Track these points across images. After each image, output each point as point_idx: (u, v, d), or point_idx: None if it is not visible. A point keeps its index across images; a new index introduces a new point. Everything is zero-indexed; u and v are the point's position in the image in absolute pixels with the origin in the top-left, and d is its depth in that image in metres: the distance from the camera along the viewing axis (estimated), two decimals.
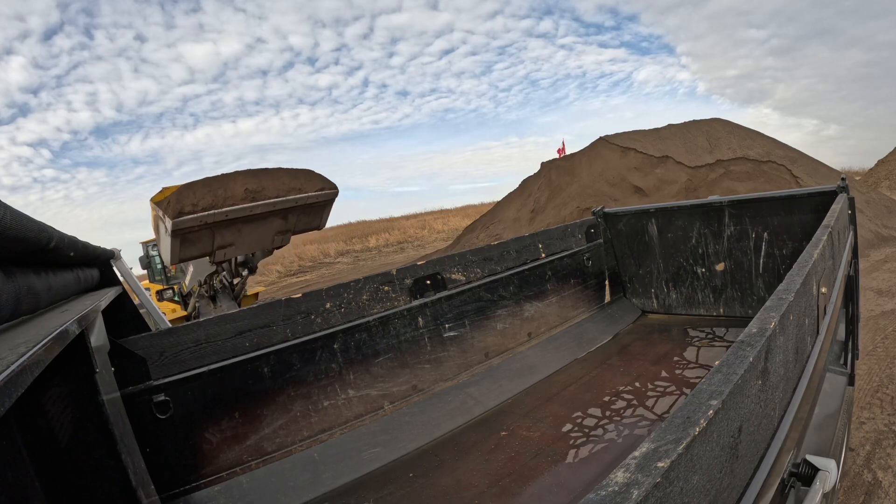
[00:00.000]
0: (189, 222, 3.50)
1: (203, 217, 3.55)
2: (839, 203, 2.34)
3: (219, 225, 3.79)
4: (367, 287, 2.66)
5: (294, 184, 4.05)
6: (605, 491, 0.56)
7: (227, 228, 3.92)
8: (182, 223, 3.47)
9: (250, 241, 4.27)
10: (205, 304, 6.95)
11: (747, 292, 3.38)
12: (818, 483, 1.01)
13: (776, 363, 0.98)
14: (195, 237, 3.76)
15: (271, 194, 3.91)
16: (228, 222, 3.84)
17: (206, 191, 3.56)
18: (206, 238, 3.86)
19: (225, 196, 3.63)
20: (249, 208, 3.80)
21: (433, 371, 2.80)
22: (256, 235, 4.22)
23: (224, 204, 3.63)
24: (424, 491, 2.07)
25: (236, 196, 3.70)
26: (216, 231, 3.84)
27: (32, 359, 0.85)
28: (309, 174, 4.24)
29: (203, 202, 3.51)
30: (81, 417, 1.61)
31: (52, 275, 1.46)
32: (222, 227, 3.85)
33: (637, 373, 2.84)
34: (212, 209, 3.57)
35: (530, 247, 3.45)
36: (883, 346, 4.80)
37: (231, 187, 3.69)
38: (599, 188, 14.35)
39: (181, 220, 3.42)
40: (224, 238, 3.99)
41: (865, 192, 11.93)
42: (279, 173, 4.04)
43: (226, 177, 3.77)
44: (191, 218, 3.48)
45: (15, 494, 1.29)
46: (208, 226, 3.70)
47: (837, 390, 2.32)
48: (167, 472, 1.97)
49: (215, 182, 3.68)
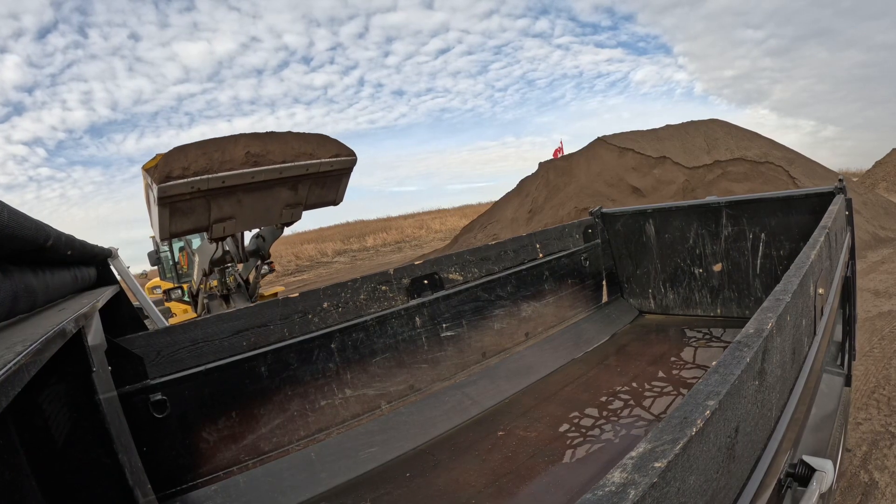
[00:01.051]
0: (178, 188, 3.00)
1: (194, 183, 3.05)
2: (836, 204, 2.35)
3: (215, 194, 3.25)
4: (365, 287, 2.66)
5: (304, 149, 3.50)
6: (601, 491, 0.56)
7: (226, 198, 3.36)
8: (169, 189, 2.97)
9: (254, 215, 3.69)
10: (217, 304, 6.49)
11: (744, 293, 3.38)
12: (815, 483, 1.02)
13: (773, 364, 0.99)
14: (187, 207, 3.24)
15: (277, 159, 3.35)
16: (227, 191, 3.29)
17: (200, 153, 3.07)
18: (200, 209, 3.32)
19: (222, 160, 3.12)
20: (251, 174, 3.25)
21: (430, 371, 2.80)
22: (261, 208, 3.65)
23: (220, 168, 3.12)
24: (421, 490, 2.07)
25: (235, 160, 3.18)
26: (212, 201, 3.30)
27: (29, 357, 0.85)
28: (322, 139, 3.67)
29: (195, 166, 3.03)
30: (78, 416, 1.60)
31: (49, 273, 1.45)
32: (219, 196, 3.30)
33: (634, 373, 2.84)
34: (205, 174, 3.07)
35: (528, 247, 3.46)
36: (880, 348, 4.82)
37: (230, 150, 3.18)
38: (597, 188, 14.37)
39: (168, 185, 2.94)
40: (222, 210, 3.43)
41: (863, 193, 11.97)
42: (287, 137, 3.50)
43: (225, 139, 3.25)
44: (180, 183, 2.98)
45: (12, 493, 1.29)
46: (202, 194, 3.17)
47: (834, 391, 2.32)
48: (164, 471, 1.97)
49: (212, 144, 3.16)
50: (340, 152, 3.67)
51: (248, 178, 3.26)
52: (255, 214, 3.68)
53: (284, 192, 3.65)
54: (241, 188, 3.32)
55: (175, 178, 2.96)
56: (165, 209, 3.14)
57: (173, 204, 3.12)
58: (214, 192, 3.23)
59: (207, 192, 3.18)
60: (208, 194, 3.21)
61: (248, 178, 3.26)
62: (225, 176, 3.16)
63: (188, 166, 3.00)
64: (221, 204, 3.37)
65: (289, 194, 3.69)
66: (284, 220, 3.93)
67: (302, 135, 3.58)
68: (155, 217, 3.32)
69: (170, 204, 3.11)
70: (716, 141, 15.00)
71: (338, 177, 3.81)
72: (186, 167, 3.00)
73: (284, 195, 3.67)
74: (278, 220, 3.89)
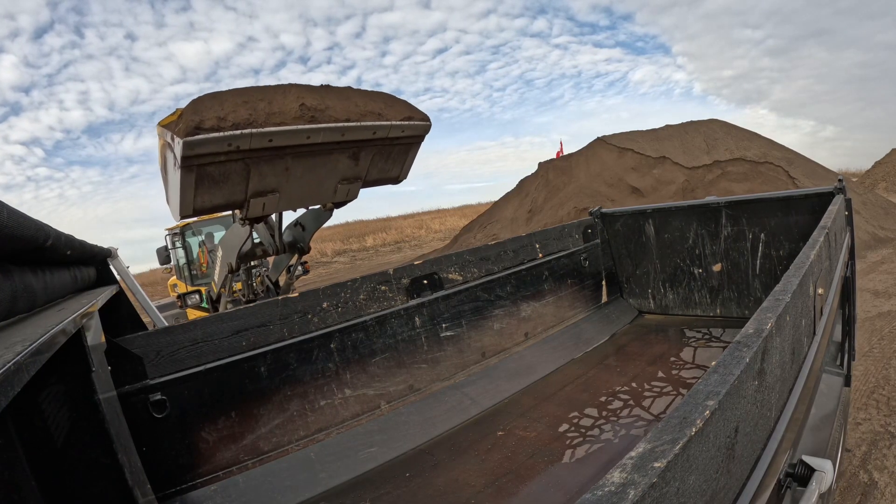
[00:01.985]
0: (210, 144, 2.27)
1: (233, 139, 2.32)
2: (836, 204, 2.35)
3: (258, 156, 2.50)
4: (364, 287, 2.66)
5: (371, 107, 2.79)
6: (601, 491, 0.56)
7: (271, 164, 2.59)
8: (198, 145, 2.24)
9: (303, 190, 2.88)
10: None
11: (744, 293, 3.39)
12: (814, 483, 1.02)
13: (773, 364, 0.99)
14: (219, 173, 2.46)
15: (339, 116, 2.64)
16: (273, 154, 2.55)
17: (240, 102, 2.38)
18: (236, 177, 2.53)
19: (269, 111, 2.42)
20: (306, 132, 2.53)
21: (430, 371, 2.80)
22: (313, 181, 2.87)
23: (267, 122, 2.41)
24: (421, 490, 2.07)
25: (286, 113, 2.47)
26: (253, 167, 2.54)
27: (29, 357, 0.85)
28: (390, 98, 2.97)
29: (234, 116, 2.32)
30: (78, 416, 1.60)
31: (48, 273, 1.45)
32: (263, 160, 2.54)
33: (634, 373, 2.85)
34: (248, 127, 2.34)
35: (527, 247, 3.46)
36: (879, 348, 4.82)
37: (279, 101, 2.49)
38: (597, 188, 14.36)
39: (197, 139, 2.21)
40: (264, 179, 2.63)
41: (862, 193, 11.97)
42: (348, 92, 2.80)
43: (272, 88, 2.55)
44: (214, 138, 2.25)
45: (11, 493, 1.29)
46: (241, 155, 2.43)
47: (834, 391, 2.33)
48: (163, 471, 1.97)
49: (256, 92, 2.48)
50: (413, 115, 2.96)
51: (303, 137, 2.53)
52: (304, 188, 2.88)
53: (343, 162, 2.88)
54: (291, 151, 2.59)
55: (207, 129, 2.24)
56: (190, 174, 2.38)
57: (202, 168, 2.38)
58: (257, 155, 2.49)
59: (248, 153, 2.44)
60: (249, 156, 2.47)
61: (303, 137, 2.53)
62: (273, 132, 2.42)
63: (224, 117, 2.29)
64: (264, 171, 2.60)
65: (348, 165, 2.92)
66: (339, 199, 3.14)
67: (365, 91, 2.90)
68: (174, 187, 2.55)
69: (197, 168, 2.36)
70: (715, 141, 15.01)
71: (406, 146, 3.11)
72: (222, 118, 2.29)
73: (343, 165, 2.90)
74: (331, 197, 3.09)
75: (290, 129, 2.46)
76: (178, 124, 2.26)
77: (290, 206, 3.06)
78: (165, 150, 2.59)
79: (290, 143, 2.51)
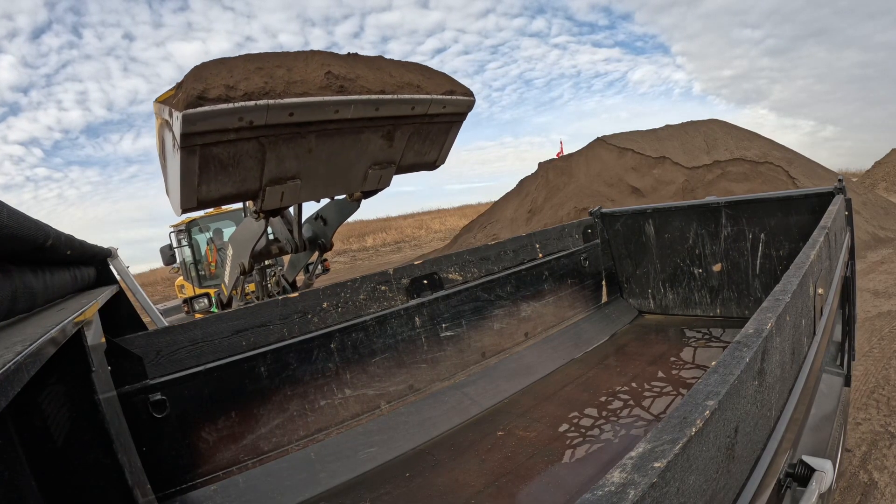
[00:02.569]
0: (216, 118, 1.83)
1: (244, 112, 1.87)
2: (836, 204, 2.35)
3: (274, 134, 2.06)
4: (364, 286, 2.66)
5: (409, 78, 2.38)
6: (601, 491, 0.56)
7: (290, 144, 2.15)
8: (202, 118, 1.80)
9: (329, 176, 2.44)
10: None
11: (744, 293, 3.39)
12: (814, 483, 1.02)
13: (773, 364, 0.99)
14: (228, 155, 2.00)
15: (373, 87, 2.20)
16: (293, 131, 2.10)
17: (254, 68, 1.95)
18: (248, 160, 2.08)
19: (289, 80, 1.99)
20: (334, 105, 2.09)
21: (430, 371, 2.80)
22: (340, 165, 2.42)
23: (288, 93, 1.97)
24: (421, 490, 2.07)
25: (310, 82, 2.04)
26: (269, 147, 2.09)
27: (28, 357, 0.85)
28: (427, 70, 2.55)
29: (246, 85, 1.88)
30: (78, 416, 1.60)
31: (48, 273, 1.45)
32: (281, 139, 2.10)
33: (634, 373, 2.85)
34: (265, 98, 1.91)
35: (527, 247, 3.46)
36: (879, 348, 4.82)
37: (301, 68, 2.06)
38: (597, 189, 14.37)
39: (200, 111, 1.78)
40: (283, 163, 2.19)
41: (862, 193, 11.97)
42: (380, 62, 2.38)
43: (291, 54, 2.13)
44: (221, 110, 1.82)
45: (11, 493, 1.29)
46: (254, 133, 1.99)
47: (834, 391, 2.33)
48: (163, 471, 1.97)
49: (271, 59, 2.04)
50: (455, 88, 2.55)
51: (330, 111, 2.10)
52: (330, 174, 2.44)
53: (375, 142, 2.45)
54: (315, 129, 2.15)
55: (212, 100, 1.80)
56: (193, 157, 1.93)
57: (206, 148, 1.93)
58: (274, 132, 2.05)
59: (264, 129, 1.99)
60: (264, 134, 2.03)
61: (330, 111, 2.10)
62: (295, 104, 1.98)
63: (234, 85, 1.85)
64: (283, 153, 2.16)
65: (381, 146, 2.49)
66: (369, 188, 2.69)
67: (398, 61, 2.47)
68: (174, 175, 2.10)
69: (200, 148, 1.91)
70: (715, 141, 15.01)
71: (446, 126, 2.68)
72: (232, 86, 1.85)
73: (375, 146, 2.47)
74: (360, 185, 2.63)
75: (316, 101, 2.03)
76: (177, 96, 1.84)
77: (314, 196, 2.63)
78: (164, 131, 2.13)
79: (315, 118, 2.08)
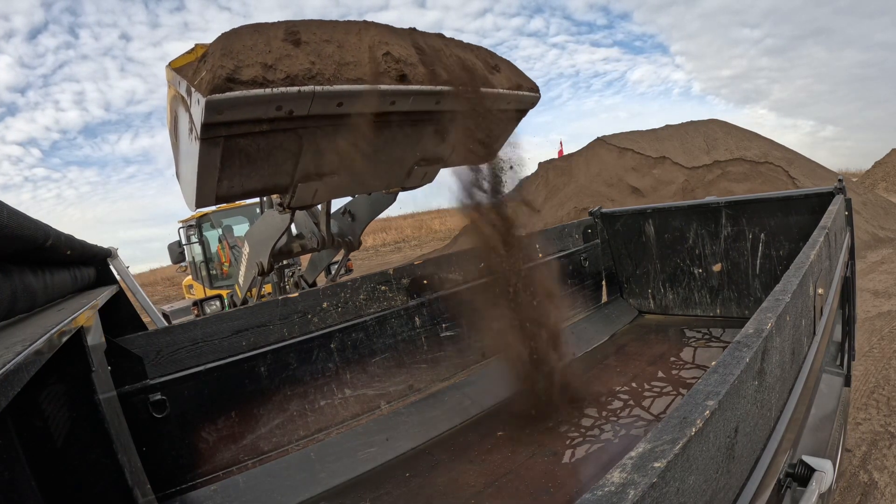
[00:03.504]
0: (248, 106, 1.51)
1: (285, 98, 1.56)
2: (836, 204, 2.35)
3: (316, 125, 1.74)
4: (364, 287, 2.65)
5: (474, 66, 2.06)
6: (601, 491, 0.56)
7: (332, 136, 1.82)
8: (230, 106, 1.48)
9: (371, 172, 2.12)
10: None
11: (744, 293, 3.39)
12: (814, 483, 1.02)
13: (772, 364, 0.99)
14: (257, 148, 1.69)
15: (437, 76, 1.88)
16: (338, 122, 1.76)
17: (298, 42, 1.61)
18: (281, 154, 1.77)
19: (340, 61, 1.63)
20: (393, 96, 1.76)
21: (430, 371, 2.80)
22: (386, 160, 2.14)
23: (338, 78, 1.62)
24: (421, 490, 2.07)
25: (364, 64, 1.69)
26: (306, 140, 1.78)
27: (29, 357, 0.85)
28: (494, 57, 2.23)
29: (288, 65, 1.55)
30: (78, 416, 1.60)
31: (48, 273, 1.45)
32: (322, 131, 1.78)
33: (634, 373, 2.84)
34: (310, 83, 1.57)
35: (527, 247, 3.45)
36: (879, 348, 4.82)
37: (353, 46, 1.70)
38: (597, 189, 14.36)
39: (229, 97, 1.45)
40: (321, 158, 1.87)
41: (862, 193, 11.97)
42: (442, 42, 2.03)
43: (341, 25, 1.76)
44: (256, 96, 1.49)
45: (11, 493, 1.29)
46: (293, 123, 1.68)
47: (834, 391, 2.32)
48: (163, 471, 1.97)
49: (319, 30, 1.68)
50: (523, 83, 2.26)
51: (387, 102, 1.77)
52: (372, 170, 2.12)
53: (428, 137, 2.16)
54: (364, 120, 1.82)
55: (245, 83, 1.46)
56: (215, 149, 1.61)
57: (231, 140, 1.61)
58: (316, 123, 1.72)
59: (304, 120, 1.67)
60: (305, 126, 1.71)
61: (387, 102, 1.77)
62: (345, 92, 1.64)
63: (273, 64, 1.51)
64: (322, 146, 1.82)
65: (433, 141, 2.20)
66: (411, 185, 2.45)
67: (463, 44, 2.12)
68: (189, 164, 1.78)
69: (225, 140, 1.60)
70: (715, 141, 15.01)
71: (507, 121, 2.37)
72: (270, 65, 1.51)
73: (426, 142, 2.18)
74: (402, 181, 2.38)
75: (372, 89, 1.69)
76: (199, 71, 1.49)
77: (350, 193, 2.34)
78: (177, 106, 1.78)
79: (368, 109, 1.75)
